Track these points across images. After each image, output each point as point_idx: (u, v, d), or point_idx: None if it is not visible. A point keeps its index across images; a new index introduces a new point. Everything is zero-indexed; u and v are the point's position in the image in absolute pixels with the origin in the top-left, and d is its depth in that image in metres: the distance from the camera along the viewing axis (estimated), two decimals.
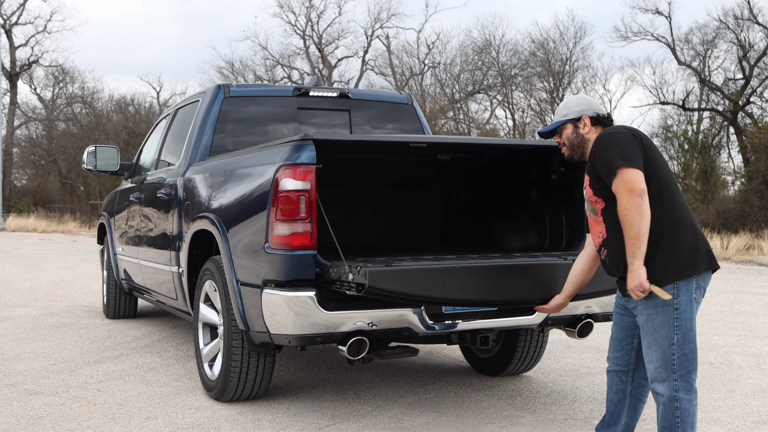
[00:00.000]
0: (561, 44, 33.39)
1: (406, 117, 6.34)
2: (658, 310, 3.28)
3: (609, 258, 3.44)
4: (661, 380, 3.32)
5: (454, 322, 4.12)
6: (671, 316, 3.27)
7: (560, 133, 3.58)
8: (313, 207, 3.87)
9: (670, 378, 3.29)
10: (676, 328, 3.27)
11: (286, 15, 46.03)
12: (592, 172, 3.38)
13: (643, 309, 3.33)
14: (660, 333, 3.28)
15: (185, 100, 6.38)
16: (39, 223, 31.00)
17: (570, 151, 3.57)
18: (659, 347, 3.29)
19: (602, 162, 3.28)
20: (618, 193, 3.21)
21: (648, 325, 3.32)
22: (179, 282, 5.43)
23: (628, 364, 3.60)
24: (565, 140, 3.56)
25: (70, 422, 4.35)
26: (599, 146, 3.33)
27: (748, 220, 20.58)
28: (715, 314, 8.49)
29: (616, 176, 3.21)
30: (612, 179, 3.24)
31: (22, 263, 14.87)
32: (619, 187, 3.20)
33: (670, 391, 3.29)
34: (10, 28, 43.12)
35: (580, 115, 3.53)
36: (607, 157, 3.25)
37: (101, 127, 38.04)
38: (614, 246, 3.37)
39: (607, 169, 3.25)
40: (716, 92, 27.52)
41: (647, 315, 3.31)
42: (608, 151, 3.26)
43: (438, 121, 33.18)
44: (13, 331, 7.22)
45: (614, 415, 3.67)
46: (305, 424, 4.32)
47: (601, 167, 3.29)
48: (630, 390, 3.62)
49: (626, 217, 3.18)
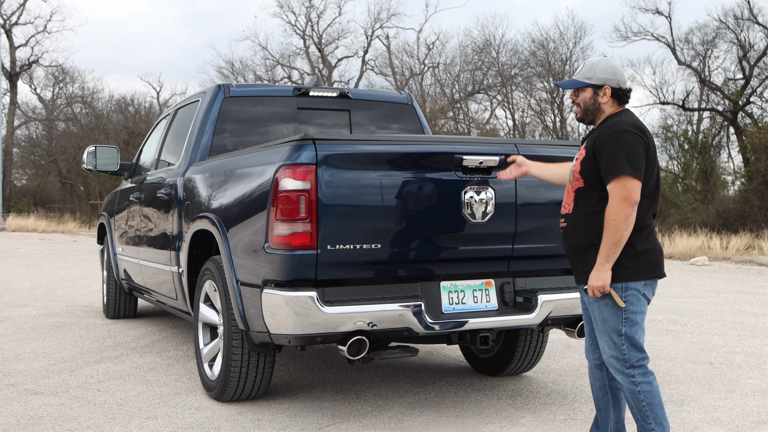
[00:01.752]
0: (561, 44, 33.41)
1: (406, 117, 6.35)
2: (606, 303, 3.39)
3: (567, 233, 3.51)
4: (615, 369, 3.42)
5: (454, 322, 4.13)
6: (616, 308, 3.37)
7: (578, 93, 3.52)
8: (314, 207, 3.87)
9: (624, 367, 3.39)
10: (625, 320, 3.37)
11: (286, 15, 46.07)
12: (591, 155, 3.38)
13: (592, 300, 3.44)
14: (611, 322, 3.38)
15: (185, 100, 6.38)
16: (39, 223, 31.00)
17: (582, 114, 3.52)
18: (610, 336, 3.40)
19: (610, 158, 3.28)
20: (612, 196, 3.25)
21: (599, 314, 3.43)
22: (179, 282, 5.43)
23: (601, 357, 3.62)
24: (581, 102, 3.51)
25: (70, 422, 4.35)
26: (612, 140, 3.31)
27: (748, 220, 20.59)
28: (715, 314, 8.49)
29: (618, 180, 3.24)
30: (612, 179, 3.26)
31: (22, 263, 14.87)
32: (616, 192, 3.24)
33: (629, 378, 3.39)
34: (10, 28, 43.15)
35: (603, 83, 3.45)
36: (616, 156, 3.26)
37: (101, 127, 38.05)
38: (576, 226, 3.45)
39: (612, 168, 3.26)
40: (716, 92, 27.52)
41: (598, 305, 3.42)
42: (619, 151, 3.26)
43: (438, 121, 33.18)
44: (13, 331, 7.22)
45: (602, 413, 3.69)
46: (305, 424, 4.32)
47: (606, 161, 3.29)
48: (608, 381, 3.65)
49: (613, 222, 3.24)
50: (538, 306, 4.25)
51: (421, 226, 4.11)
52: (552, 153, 4.60)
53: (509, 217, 4.28)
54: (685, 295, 10.06)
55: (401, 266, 4.14)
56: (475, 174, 4.19)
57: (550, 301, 4.29)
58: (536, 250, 4.43)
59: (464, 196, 4.15)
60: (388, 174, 4.04)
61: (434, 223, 4.13)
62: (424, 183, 4.11)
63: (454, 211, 4.14)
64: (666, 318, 8.12)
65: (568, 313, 4.41)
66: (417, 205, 4.10)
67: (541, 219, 4.41)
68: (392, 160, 4.09)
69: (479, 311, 4.28)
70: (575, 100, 3.54)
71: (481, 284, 4.34)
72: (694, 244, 17.11)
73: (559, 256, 4.51)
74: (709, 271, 13.64)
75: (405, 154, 4.14)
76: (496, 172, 4.24)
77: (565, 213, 3.52)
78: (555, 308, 4.32)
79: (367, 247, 3.97)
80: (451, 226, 4.16)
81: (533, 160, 4.34)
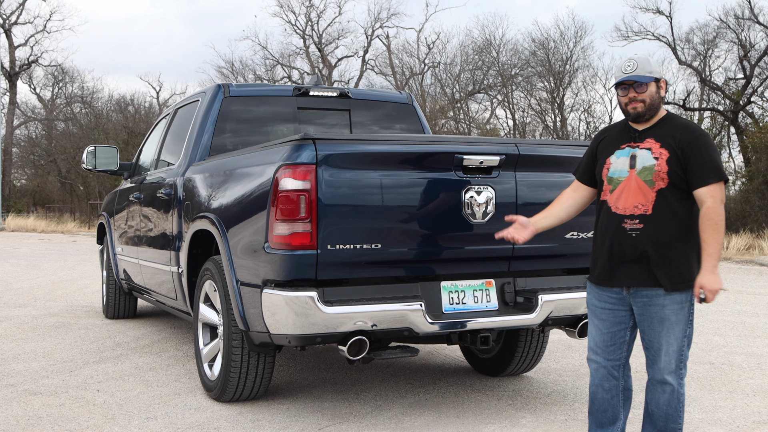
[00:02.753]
0: (561, 44, 33.38)
1: (406, 117, 6.34)
2: (682, 306, 3.38)
3: (644, 235, 3.37)
4: (670, 371, 3.42)
5: (454, 322, 4.12)
6: (689, 311, 3.41)
7: (642, 88, 3.40)
8: (314, 207, 3.86)
9: (679, 369, 3.43)
10: (689, 323, 3.42)
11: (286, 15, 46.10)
12: (679, 155, 3.33)
13: (669, 303, 3.37)
14: (679, 326, 3.39)
15: (185, 100, 6.37)
16: (38, 223, 31.00)
17: (645, 109, 3.41)
18: (676, 340, 3.39)
19: (709, 160, 3.30)
20: (713, 199, 3.27)
21: (671, 318, 3.38)
22: (179, 282, 5.42)
23: (621, 358, 3.56)
24: (647, 97, 3.40)
25: (69, 422, 4.34)
26: (703, 142, 3.33)
27: (748, 219, 20.58)
28: (716, 314, 8.48)
29: (717, 185, 3.29)
30: (715, 182, 3.28)
31: (21, 263, 14.86)
32: (718, 195, 3.28)
33: (679, 380, 3.44)
34: (9, 28, 43.13)
35: (660, 77, 3.43)
36: (714, 161, 3.31)
37: (101, 127, 38.04)
38: (656, 228, 3.35)
39: (715, 171, 3.29)
40: (717, 92, 27.51)
41: (671, 310, 3.37)
42: (714, 156, 3.32)
43: (438, 121, 33.16)
44: (12, 331, 7.21)
45: (609, 414, 3.60)
46: (305, 424, 4.31)
47: (705, 163, 3.29)
48: (623, 384, 3.61)
49: (718, 224, 3.26)
50: (539, 306, 4.24)
51: (421, 226, 4.10)
52: (552, 153, 4.60)
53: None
54: None
55: (401, 266, 4.13)
56: (475, 174, 4.18)
57: (550, 301, 4.28)
58: (537, 250, 4.42)
59: (464, 196, 4.14)
60: (388, 174, 4.03)
61: (434, 223, 4.12)
62: (424, 183, 4.10)
63: (455, 211, 4.14)
64: None
65: (569, 313, 4.40)
66: (417, 204, 4.09)
67: None
68: (392, 159, 4.08)
69: (479, 311, 4.27)
70: (637, 97, 3.41)
71: (482, 284, 4.33)
72: None
73: (559, 256, 4.50)
74: None
75: (405, 153, 4.13)
76: (496, 172, 4.23)
77: (640, 214, 3.38)
78: (555, 308, 4.31)
79: (368, 247, 3.96)
80: (451, 226, 4.15)
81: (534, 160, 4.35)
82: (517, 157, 4.29)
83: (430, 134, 6.18)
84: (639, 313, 3.44)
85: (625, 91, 3.43)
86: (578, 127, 32.82)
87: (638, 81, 3.39)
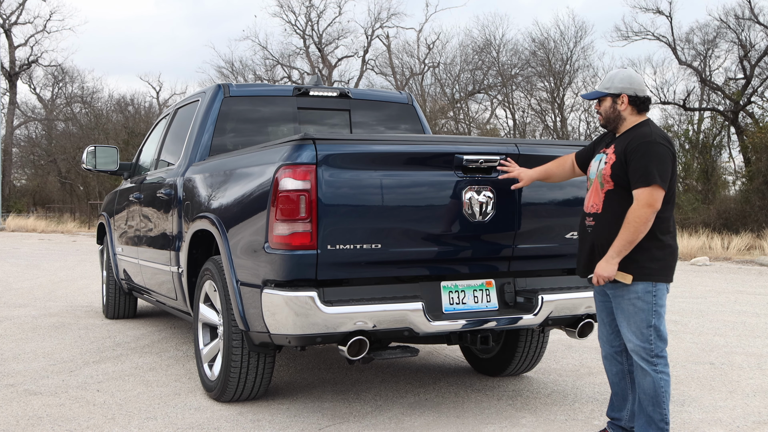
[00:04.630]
0: (561, 44, 33.39)
1: (406, 117, 6.33)
2: (639, 297, 3.62)
3: (594, 232, 3.74)
4: (642, 359, 3.65)
5: (454, 322, 4.12)
6: (651, 303, 3.63)
7: (600, 103, 3.81)
8: (314, 207, 3.85)
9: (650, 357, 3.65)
10: (653, 314, 3.64)
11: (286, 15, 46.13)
12: (623, 160, 3.63)
13: (625, 294, 3.66)
14: (639, 316, 3.64)
15: (185, 100, 6.36)
16: (38, 223, 30.99)
17: (604, 122, 3.82)
18: (638, 329, 3.64)
19: (641, 166, 3.55)
20: (639, 200, 3.53)
21: (629, 309, 3.65)
22: (179, 282, 5.42)
23: (621, 344, 3.87)
24: (602, 111, 3.81)
25: (69, 422, 4.34)
26: (644, 149, 3.58)
27: (749, 220, 20.57)
28: (716, 314, 8.48)
29: (647, 188, 3.52)
30: (641, 186, 3.54)
31: (21, 263, 14.86)
32: (643, 198, 3.53)
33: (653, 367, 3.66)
34: (9, 28, 43.14)
35: (620, 92, 3.74)
36: (647, 166, 3.54)
37: (101, 127, 38.05)
38: (604, 225, 3.69)
39: (642, 176, 3.54)
40: (717, 92, 27.51)
41: (628, 300, 3.65)
42: (651, 162, 3.55)
43: (438, 121, 33.16)
44: (12, 331, 7.21)
45: (619, 396, 3.92)
46: (305, 424, 4.31)
47: (637, 168, 3.56)
48: (627, 367, 3.88)
49: (634, 224, 3.53)
50: (539, 306, 4.24)
51: (421, 226, 4.10)
52: (553, 153, 4.59)
53: (510, 216, 4.27)
54: (686, 296, 10.05)
55: (401, 266, 4.13)
56: (475, 174, 4.18)
57: (550, 301, 4.28)
58: (537, 250, 4.42)
59: (465, 196, 4.14)
60: (388, 174, 4.03)
61: (435, 223, 4.12)
62: (424, 183, 4.10)
63: (455, 211, 4.13)
64: (667, 318, 8.09)
65: (569, 313, 4.40)
66: (417, 204, 4.09)
67: (542, 219, 4.40)
68: (393, 159, 4.08)
69: (480, 311, 4.27)
70: (598, 110, 3.83)
71: (482, 284, 4.33)
72: (695, 245, 17.10)
73: (559, 256, 4.50)
74: (710, 272, 13.63)
75: (405, 153, 4.13)
76: (496, 172, 4.23)
77: (593, 212, 3.77)
78: (556, 308, 4.31)
79: (368, 247, 3.96)
80: (451, 226, 4.15)
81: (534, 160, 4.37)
82: (517, 157, 4.29)
83: (430, 134, 6.17)
84: (613, 304, 3.78)
85: None
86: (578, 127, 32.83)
87: (585, 98, 3.91)
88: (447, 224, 4.14)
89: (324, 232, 3.87)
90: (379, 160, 4.04)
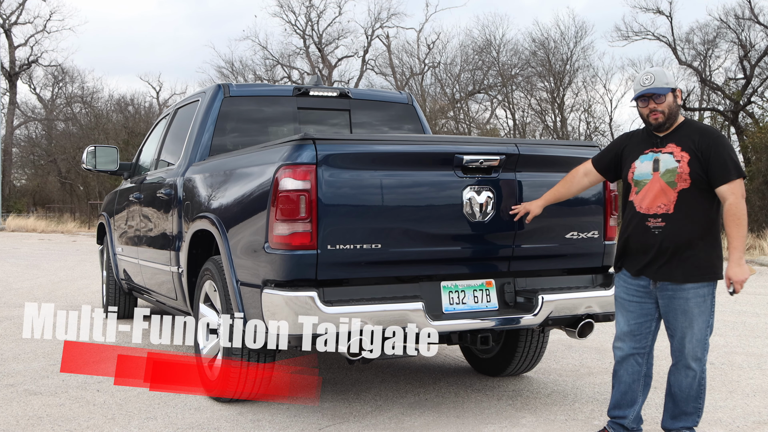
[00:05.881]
0: (562, 44, 33.34)
1: (406, 117, 6.33)
2: (705, 299, 3.65)
3: (665, 233, 3.66)
4: (695, 358, 3.71)
5: (454, 322, 4.12)
6: (711, 303, 3.69)
7: (661, 99, 3.68)
8: (314, 207, 3.86)
9: (703, 356, 3.72)
10: (712, 314, 3.71)
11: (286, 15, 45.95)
12: (699, 158, 3.60)
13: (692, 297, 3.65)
14: (702, 317, 3.66)
15: (185, 100, 6.37)
16: (38, 223, 31.00)
17: (665, 119, 3.70)
18: (699, 330, 3.67)
19: (725, 160, 3.55)
20: (736, 195, 3.54)
21: (694, 311, 3.66)
22: (179, 282, 5.42)
23: (645, 347, 3.86)
24: (665, 108, 3.69)
25: (69, 422, 4.34)
26: (721, 143, 3.59)
27: (748, 220, 20.55)
28: (716, 314, 8.46)
29: (738, 180, 3.55)
30: (732, 180, 3.54)
31: (21, 263, 14.86)
32: (736, 191, 3.55)
33: (701, 366, 3.74)
34: (9, 28, 43.11)
35: (676, 86, 3.72)
36: (731, 158, 3.57)
37: (101, 127, 38.03)
38: (678, 226, 3.63)
39: (733, 170, 3.55)
40: (717, 92, 27.51)
41: (695, 302, 3.65)
42: (732, 155, 3.59)
43: (438, 121, 33.16)
44: (12, 332, 7.21)
45: (628, 396, 3.91)
46: (305, 424, 4.31)
47: (722, 163, 3.55)
48: (644, 371, 3.90)
49: (743, 218, 3.55)
50: (539, 306, 4.24)
51: (421, 226, 4.10)
52: (552, 153, 4.60)
53: (510, 217, 4.27)
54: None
55: (401, 266, 4.13)
56: (475, 174, 4.18)
57: (550, 301, 4.28)
58: (537, 250, 4.42)
59: (464, 196, 4.14)
60: (388, 174, 4.03)
61: (435, 223, 4.12)
62: (424, 183, 4.10)
63: (455, 211, 4.14)
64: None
65: (569, 313, 4.40)
66: (417, 205, 4.09)
67: (542, 219, 4.40)
68: (392, 159, 4.08)
69: (480, 311, 4.27)
70: (657, 108, 3.68)
71: (482, 284, 4.33)
72: None
73: (559, 256, 4.50)
74: None
75: (405, 153, 4.14)
76: (496, 172, 4.23)
77: (663, 213, 3.68)
78: (556, 308, 4.31)
79: (368, 247, 3.96)
80: (451, 226, 4.15)
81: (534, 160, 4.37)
82: (517, 157, 4.29)
83: (430, 134, 6.17)
84: (664, 305, 3.72)
85: (645, 102, 3.71)
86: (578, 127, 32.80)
87: (656, 93, 3.67)
88: (447, 224, 4.14)
89: (324, 232, 3.88)
90: (379, 160, 4.05)
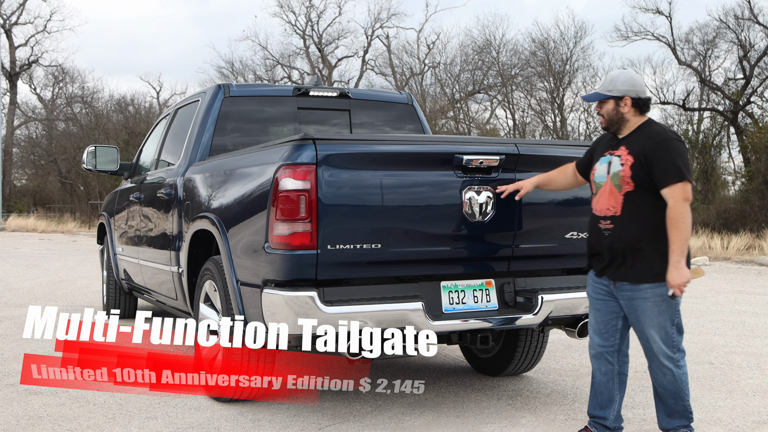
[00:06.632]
0: (561, 44, 33.34)
1: (406, 117, 6.34)
2: (664, 298, 3.63)
3: (614, 235, 3.71)
4: (665, 357, 3.70)
5: (454, 322, 4.13)
6: (673, 301, 3.66)
7: (601, 105, 3.80)
8: (314, 207, 3.86)
9: (672, 353, 3.71)
10: (676, 312, 3.70)
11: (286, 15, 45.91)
12: (642, 161, 3.63)
13: (650, 297, 3.65)
14: (664, 317, 3.66)
15: (185, 100, 6.37)
16: (39, 223, 31.01)
17: (607, 124, 3.80)
18: (662, 329, 3.68)
19: (667, 164, 3.56)
20: (676, 198, 3.54)
21: (653, 310, 3.66)
22: (179, 282, 5.42)
23: (614, 345, 3.87)
24: (605, 113, 3.79)
25: (70, 422, 4.35)
26: (665, 147, 3.60)
27: (748, 220, 20.57)
28: (716, 314, 8.48)
29: (680, 183, 3.54)
30: (672, 184, 3.54)
31: (21, 263, 14.87)
32: (677, 195, 3.54)
33: (675, 363, 3.73)
34: (9, 28, 43.11)
35: (623, 94, 3.73)
36: (675, 163, 3.56)
37: (101, 127, 38.03)
38: (625, 228, 3.68)
39: (674, 173, 3.54)
40: (717, 92, 27.50)
41: (653, 302, 3.65)
42: (675, 158, 3.57)
43: (438, 121, 33.16)
44: (13, 331, 7.21)
45: (605, 396, 3.91)
46: (305, 424, 4.32)
47: (664, 166, 3.56)
48: (618, 369, 3.89)
49: (681, 222, 3.53)
50: (539, 306, 4.25)
51: (421, 226, 4.10)
52: (552, 153, 4.60)
53: (510, 216, 4.27)
54: (686, 295, 9.98)
55: (401, 266, 4.13)
56: (475, 174, 4.19)
57: (550, 301, 4.28)
58: (537, 249, 4.42)
59: (464, 196, 4.15)
60: (388, 174, 4.04)
61: (434, 223, 4.13)
62: (424, 183, 4.11)
63: (455, 211, 4.14)
64: None
65: (569, 313, 4.41)
66: (417, 204, 4.09)
67: (541, 219, 4.41)
68: (392, 159, 4.08)
69: (480, 311, 4.27)
70: (599, 111, 3.81)
71: (482, 284, 4.34)
72: (695, 244, 17.10)
73: (559, 256, 4.51)
74: (710, 271, 13.63)
75: (405, 153, 4.14)
76: (496, 172, 4.24)
77: (611, 215, 3.73)
78: (555, 308, 4.31)
79: (368, 247, 3.97)
80: (451, 225, 4.15)
81: (534, 160, 4.37)
82: (517, 157, 4.29)
83: (430, 134, 6.18)
84: (625, 305, 3.76)
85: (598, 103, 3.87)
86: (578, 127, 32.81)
87: (585, 100, 3.93)
88: (447, 224, 4.15)
89: (324, 232, 3.88)
90: (379, 160, 4.05)
